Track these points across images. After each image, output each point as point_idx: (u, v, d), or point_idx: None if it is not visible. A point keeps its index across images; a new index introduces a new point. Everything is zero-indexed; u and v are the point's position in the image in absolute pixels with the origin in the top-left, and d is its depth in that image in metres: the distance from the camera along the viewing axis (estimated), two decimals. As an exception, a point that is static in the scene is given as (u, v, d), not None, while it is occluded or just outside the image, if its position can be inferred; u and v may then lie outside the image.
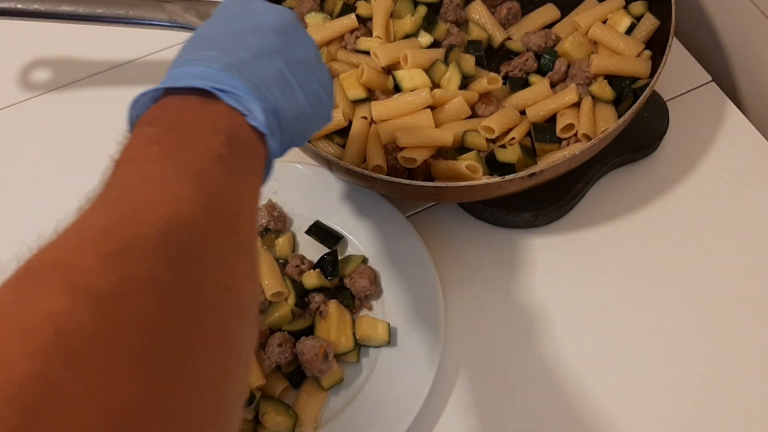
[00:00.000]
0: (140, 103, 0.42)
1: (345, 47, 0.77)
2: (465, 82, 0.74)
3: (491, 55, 0.80)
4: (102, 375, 0.28)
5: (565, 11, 0.80)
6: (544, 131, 0.71)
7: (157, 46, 0.89)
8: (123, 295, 0.30)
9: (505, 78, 0.77)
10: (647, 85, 0.68)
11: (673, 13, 0.71)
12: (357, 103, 0.73)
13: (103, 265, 0.31)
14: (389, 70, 0.73)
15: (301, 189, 0.75)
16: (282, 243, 0.72)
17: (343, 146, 0.72)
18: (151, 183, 0.36)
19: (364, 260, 0.71)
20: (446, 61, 0.74)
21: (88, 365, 0.27)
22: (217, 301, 0.35)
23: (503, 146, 0.71)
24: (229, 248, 0.37)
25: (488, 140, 0.71)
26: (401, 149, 0.69)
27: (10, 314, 0.28)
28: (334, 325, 0.66)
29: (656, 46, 0.73)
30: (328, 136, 0.73)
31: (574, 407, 0.65)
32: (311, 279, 0.68)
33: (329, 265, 0.70)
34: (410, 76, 0.71)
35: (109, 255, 0.31)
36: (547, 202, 0.72)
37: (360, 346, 0.67)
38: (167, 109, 0.41)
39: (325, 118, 0.50)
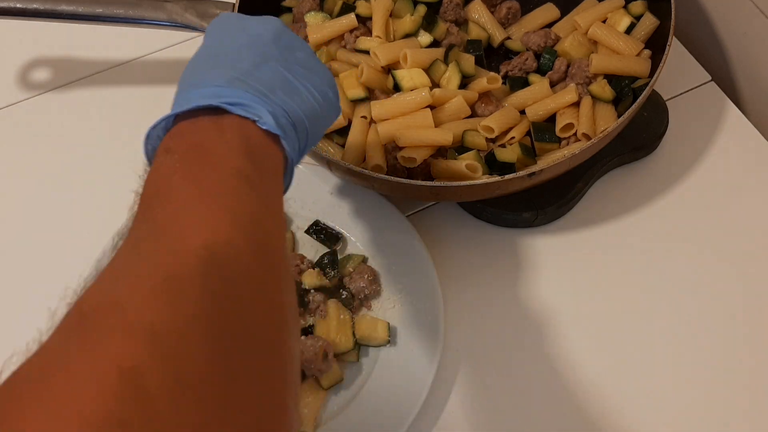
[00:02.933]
0: (153, 136, 0.43)
1: (344, 47, 0.77)
2: (465, 82, 0.74)
3: (491, 55, 0.80)
4: (169, 412, 0.28)
5: (564, 11, 0.80)
6: (544, 131, 0.71)
7: (157, 45, 0.89)
8: (176, 330, 0.30)
9: (505, 77, 0.77)
10: (647, 84, 0.68)
11: (673, 13, 0.71)
12: (357, 102, 0.73)
13: (153, 301, 0.31)
14: (389, 69, 0.73)
15: (301, 188, 0.75)
16: (282, 243, 0.72)
17: (343, 146, 0.72)
18: (180, 214, 0.36)
19: (364, 260, 0.71)
20: (446, 61, 0.74)
21: (155, 402, 0.28)
22: (265, 318, 0.35)
23: (503, 146, 0.71)
24: (267, 264, 0.37)
25: (488, 140, 0.71)
26: (401, 149, 0.69)
27: (76, 360, 0.29)
28: (333, 324, 0.66)
29: (656, 45, 0.73)
30: (328, 136, 0.73)
31: (575, 405, 0.65)
32: (311, 278, 0.68)
33: (329, 264, 0.70)
34: (410, 76, 0.71)
35: (157, 291, 0.31)
36: (547, 202, 0.72)
37: (360, 346, 0.67)
38: (180, 134, 0.42)
39: (334, 113, 0.50)
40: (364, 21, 0.77)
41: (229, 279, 0.34)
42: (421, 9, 0.77)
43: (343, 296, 0.69)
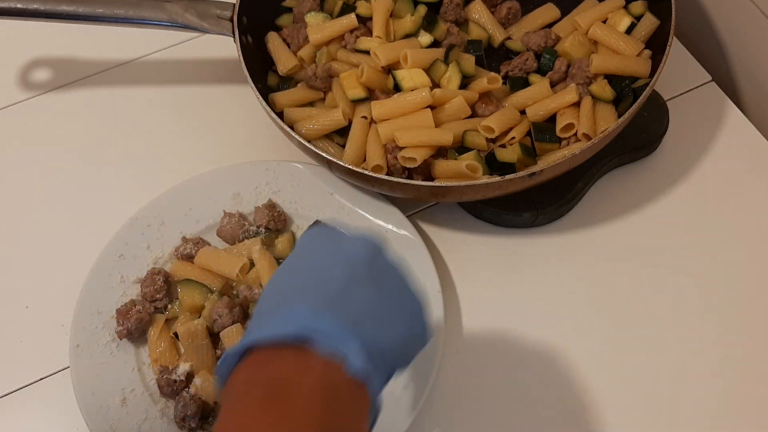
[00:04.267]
0: (228, 361, 0.41)
1: (345, 47, 0.77)
2: (465, 82, 0.74)
3: (491, 55, 0.80)
4: None
5: (565, 11, 0.80)
6: (544, 131, 0.71)
7: (157, 46, 0.89)
8: None
9: (505, 77, 0.77)
10: (647, 84, 0.68)
11: (673, 13, 0.71)
12: (357, 102, 0.73)
13: None
14: (389, 69, 0.73)
15: (301, 189, 0.75)
16: (282, 242, 0.72)
17: (343, 146, 0.72)
18: None
19: (364, 260, 0.71)
20: (446, 61, 0.74)
21: None
22: None
23: (503, 146, 0.71)
24: None
25: (488, 140, 0.71)
26: (401, 149, 0.69)
27: None
28: (334, 324, 0.66)
29: (656, 45, 0.73)
30: (328, 136, 0.73)
31: (575, 405, 0.65)
32: (311, 279, 0.68)
33: (329, 264, 0.70)
34: (410, 76, 0.71)
35: None
36: (547, 202, 0.72)
37: (360, 346, 0.67)
38: (259, 367, 0.40)
39: (423, 339, 0.47)
40: (365, 21, 0.77)
41: None
42: (422, 9, 0.77)
43: (344, 296, 0.69)
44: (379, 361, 0.42)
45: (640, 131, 0.75)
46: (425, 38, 0.75)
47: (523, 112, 0.73)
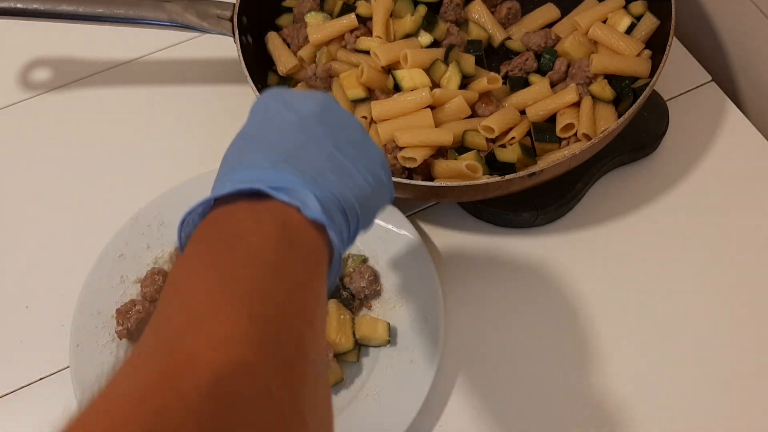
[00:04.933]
0: (189, 222, 0.40)
1: (345, 47, 0.77)
2: (465, 82, 0.74)
3: (491, 55, 0.80)
4: None
5: (565, 11, 0.80)
6: (544, 131, 0.71)
7: (157, 46, 0.89)
8: None
9: (505, 77, 0.77)
10: (647, 84, 0.68)
11: (673, 13, 0.71)
12: (357, 102, 0.73)
13: None
14: (389, 69, 0.73)
15: (301, 189, 0.75)
16: (282, 243, 0.72)
17: (343, 146, 0.72)
18: (195, 322, 0.33)
19: (364, 260, 0.71)
20: (446, 61, 0.74)
21: None
22: None
23: (503, 146, 0.71)
24: (288, 376, 0.33)
25: (488, 140, 0.71)
26: (401, 149, 0.69)
27: None
28: (334, 324, 0.66)
29: (656, 45, 0.73)
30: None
31: (574, 406, 0.65)
32: (311, 279, 0.68)
33: (329, 264, 0.70)
34: (410, 76, 0.71)
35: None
36: (547, 202, 0.72)
37: (360, 346, 0.67)
38: (214, 222, 0.39)
39: (387, 195, 0.47)
40: (365, 21, 0.77)
41: (234, 412, 0.30)
42: (422, 9, 0.77)
43: (344, 296, 0.69)
44: (339, 212, 0.41)
45: (640, 131, 0.75)
46: (425, 38, 0.75)
47: (523, 112, 0.73)
